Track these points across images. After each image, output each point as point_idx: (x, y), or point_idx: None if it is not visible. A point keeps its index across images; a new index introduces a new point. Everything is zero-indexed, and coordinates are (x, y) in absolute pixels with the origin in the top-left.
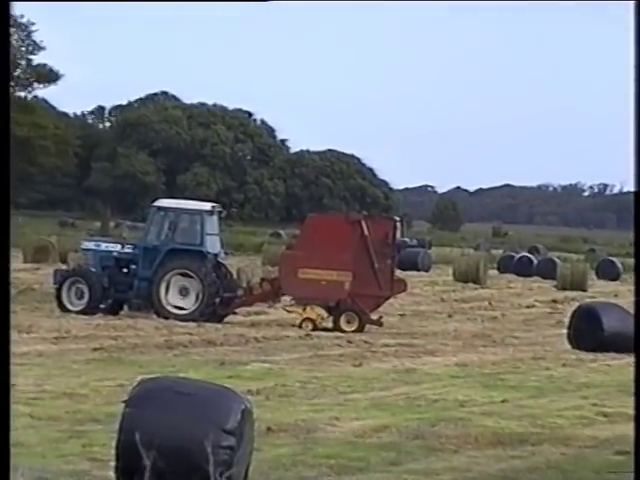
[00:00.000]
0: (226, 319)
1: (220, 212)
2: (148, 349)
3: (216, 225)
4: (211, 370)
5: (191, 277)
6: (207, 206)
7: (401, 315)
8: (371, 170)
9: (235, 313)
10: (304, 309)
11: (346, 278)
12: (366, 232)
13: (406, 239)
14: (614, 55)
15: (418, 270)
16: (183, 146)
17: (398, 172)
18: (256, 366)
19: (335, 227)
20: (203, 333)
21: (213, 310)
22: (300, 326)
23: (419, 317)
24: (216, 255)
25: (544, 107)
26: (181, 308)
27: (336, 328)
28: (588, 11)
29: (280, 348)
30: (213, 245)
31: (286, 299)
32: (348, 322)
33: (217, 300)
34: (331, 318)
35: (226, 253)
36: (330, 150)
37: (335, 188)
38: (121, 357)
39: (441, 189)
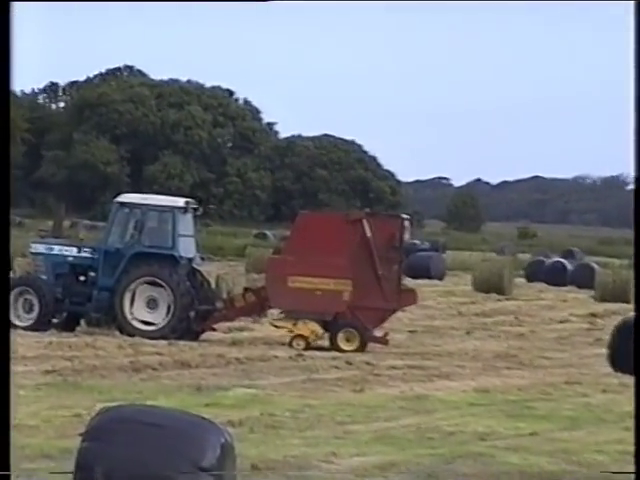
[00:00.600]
0: (203, 336)
1: (195, 209)
2: (110, 372)
3: (190, 225)
4: (185, 397)
5: (161, 286)
6: (180, 202)
7: (411, 332)
8: (375, 159)
9: (213, 329)
10: (295, 324)
11: (345, 287)
12: (368, 233)
13: (416, 241)
14: None
15: (431, 278)
16: (151, 131)
17: (407, 162)
18: (239, 392)
19: (332, 227)
20: (175, 353)
21: (187, 326)
22: (290, 344)
23: (432, 334)
24: (190, 260)
25: (580, 86)
26: (149, 323)
27: (333, 347)
28: None
29: (267, 371)
30: (187, 248)
31: (274, 312)
32: (347, 340)
33: (192, 314)
34: (327, 335)
35: (202, 258)
36: (326, 135)
37: (332, 181)
38: (78, 381)
39: (458, 182)
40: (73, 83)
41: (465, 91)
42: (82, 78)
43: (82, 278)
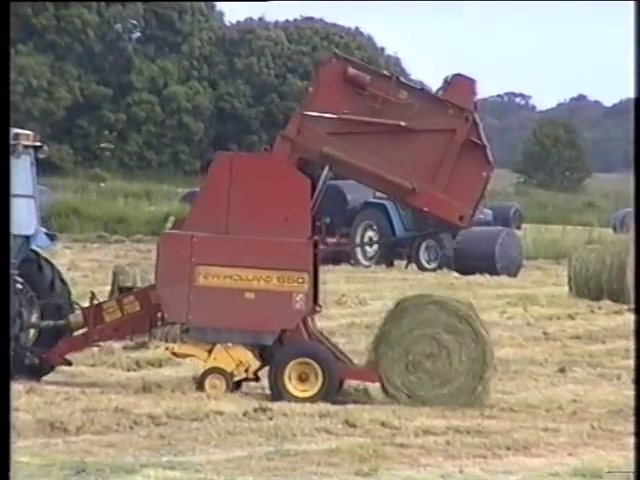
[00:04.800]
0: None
1: (37, 148)
2: None
3: (26, 177)
4: None
5: None
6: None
7: None
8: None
9: (66, 362)
10: (209, 351)
11: (297, 286)
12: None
13: None
14: None
15: (496, 273)
16: None
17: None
18: (151, 476)
19: (273, 176)
20: (38, 406)
21: (17, 356)
22: (201, 386)
23: (498, 373)
24: (27, 240)
25: None
26: None
27: (276, 390)
28: None
29: (202, 436)
30: (16, 219)
31: (170, 331)
32: (301, 379)
33: (22, 335)
34: (266, 369)
35: (51, 236)
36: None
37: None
38: None
39: (543, 103)
40: None
41: None
42: None
43: None
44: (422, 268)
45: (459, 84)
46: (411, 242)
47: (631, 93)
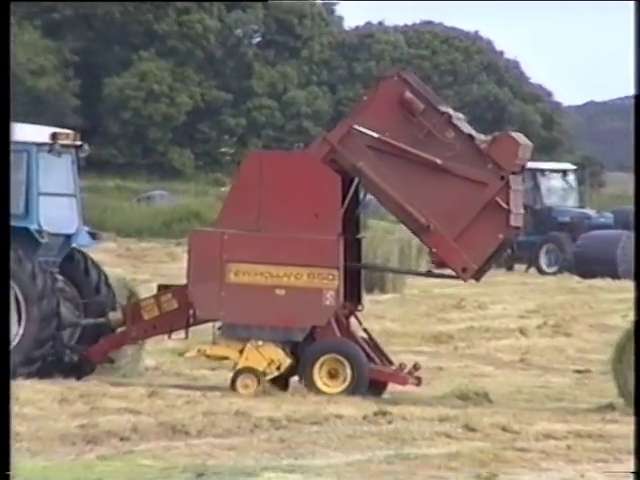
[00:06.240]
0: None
1: (78, 147)
2: (45, 443)
3: (67, 175)
4: None
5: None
6: (41, 134)
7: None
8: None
9: (111, 361)
10: (241, 350)
11: (328, 283)
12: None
13: (589, 210)
14: None
15: (617, 276)
16: None
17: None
18: (275, 477)
19: (304, 175)
20: (159, 409)
21: (57, 354)
22: (233, 386)
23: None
24: (68, 238)
25: None
26: None
27: (308, 385)
28: None
29: (323, 440)
30: (57, 217)
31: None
32: (331, 375)
33: (63, 332)
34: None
35: (93, 235)
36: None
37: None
38: None
39: None
40: None
41: None
42: None
43: None
44: (542, 272)
45: (505, 143)
46: (531, 246)
47: None
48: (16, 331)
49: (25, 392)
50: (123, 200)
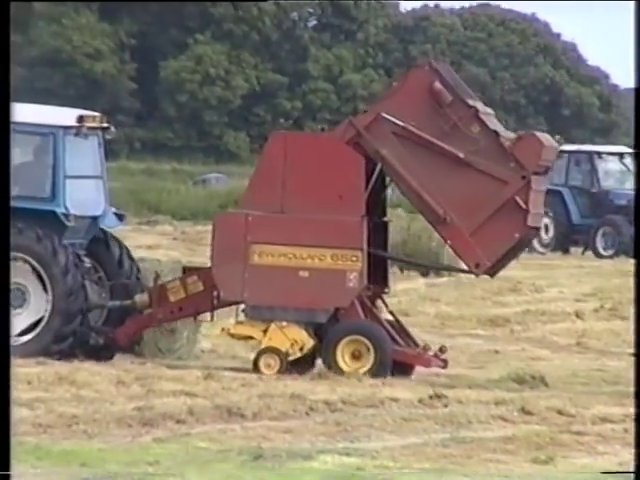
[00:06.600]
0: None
1: (105, 129)
2: (102, 426)
3: (94, 158)
4: (236, 471)
5: (32, 267)
6: (66, 117)
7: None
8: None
9: (137, 343)
10: (264, 330)
11: (351, 265)
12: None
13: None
14: None
15: None
16: None
17: None
18: (329, 462)
19: (328, 156)
20: (216, 391)
21: (83, 336)
22: (256, 366)
23: None
24: (95, 220)
25: None
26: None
27: (329, 367)
28: None
29: (378, 423)
30: (84, 199)
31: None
32: (354, 357)
33: (89, 314)
34: (320, 347)
35: (120, 216)
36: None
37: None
38: (48, 444)
39: None
40: None
41: None
42: None
43: None
44: (599, 255)
45: (529, 143)
46: (588, 229)
47: None
48: (44, 308)
49: (82, 375)
50: (179, 183)
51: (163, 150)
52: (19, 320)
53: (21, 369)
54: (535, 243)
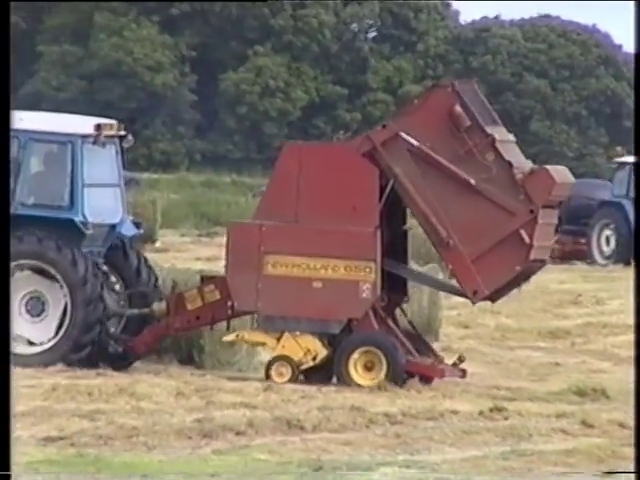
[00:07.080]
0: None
1: (122, 137)
2: (160, 438)
3: (112, 166)
4: None
5: (51, 276)
6: (84, 125)
7: None
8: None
9: (155, 351)
10: (278, 339)
11: (364, 276)
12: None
13: None
14: None
15: None
16: None
17: None
18: (388, 473)
19: (342, 167)
20: (276, 403)
21: (102, 344)
22: (268, 374)
23: None
24: (113, 228)
25: None
26: (30, 342)
27: (341, 378)
28: None
29: (438, 435)
30: (102, 207)
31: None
32: (366, 368)
33: (109, 323)
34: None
35: (138, 224)
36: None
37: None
38: (98, 455)
39: None
40: None
41: None
42: None
43: None
44: None
45: (541, 177)
46: None
47: None
48: (63, 318)
49: (141, 386)
50: (238, 195)
51: (223, 162)
52: (38, 329)
53: (82, 381)
54: (596, 255)
